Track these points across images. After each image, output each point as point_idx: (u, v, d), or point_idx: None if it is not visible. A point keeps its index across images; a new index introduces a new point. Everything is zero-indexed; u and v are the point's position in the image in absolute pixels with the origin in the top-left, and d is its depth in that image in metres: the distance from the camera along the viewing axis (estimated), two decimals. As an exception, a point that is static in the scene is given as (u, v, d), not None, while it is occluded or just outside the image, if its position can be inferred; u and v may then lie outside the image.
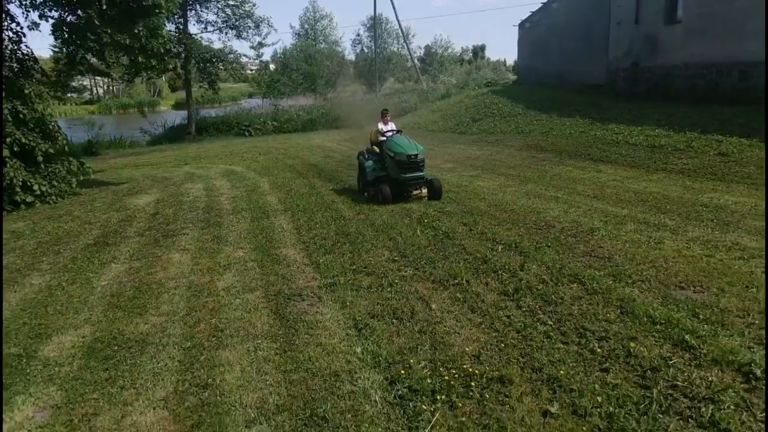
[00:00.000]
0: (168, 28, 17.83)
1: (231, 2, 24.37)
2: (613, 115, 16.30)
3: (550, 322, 4.32)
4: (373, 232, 7.35)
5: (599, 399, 3.26)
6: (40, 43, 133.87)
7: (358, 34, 74.95)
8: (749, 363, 3.49)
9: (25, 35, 12.76)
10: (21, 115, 10.99)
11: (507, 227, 7.19)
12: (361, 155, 10.20)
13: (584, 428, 3.05)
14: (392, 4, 72.01)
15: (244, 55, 28.17)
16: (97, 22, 11.23)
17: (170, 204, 10.42)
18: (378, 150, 9.90)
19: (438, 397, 3.39)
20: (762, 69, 14.17)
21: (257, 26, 26.03)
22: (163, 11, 12.01)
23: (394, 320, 4.58)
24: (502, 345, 4.01)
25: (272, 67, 48.09)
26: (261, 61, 38.21)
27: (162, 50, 12.32)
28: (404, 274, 5.65)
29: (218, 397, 3.55)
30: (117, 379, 3.85)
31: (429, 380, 3.56)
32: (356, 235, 7.18)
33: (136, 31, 11.94)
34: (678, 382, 3.38)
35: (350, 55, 59.15)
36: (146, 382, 3.80)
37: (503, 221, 7.52)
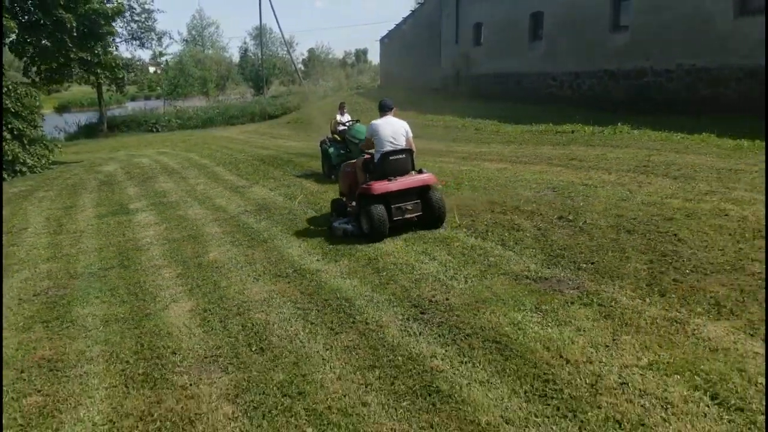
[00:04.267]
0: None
1: (136, 18, 28.62)
2: (446, 108, 23.18)
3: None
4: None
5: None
6: None
7: (245, 42, 79.10)
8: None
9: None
10: (14, 109, 15.53)
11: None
12: (324, 143, 11.21)
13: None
14: (275, 17, 76.51)
15: (148, 62, 32.37)
16: (70, 44, 16.00)
17: (135, 167, 15.53)
18: (339, 137, 11.05)
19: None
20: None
21: (159, 38, 30.48)
22: (115, 35, 17.05)
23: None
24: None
25: (157, 71, 51.41)
26: (160, 66, 42.01)
27: (113, 64, 17.29)
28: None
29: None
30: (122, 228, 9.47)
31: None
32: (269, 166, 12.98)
33: (96, 51, 16.84)
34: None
35: (237, 59, 63.52)
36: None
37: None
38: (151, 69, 51.09)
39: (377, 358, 3.81)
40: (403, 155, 6.73)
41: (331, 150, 10.83)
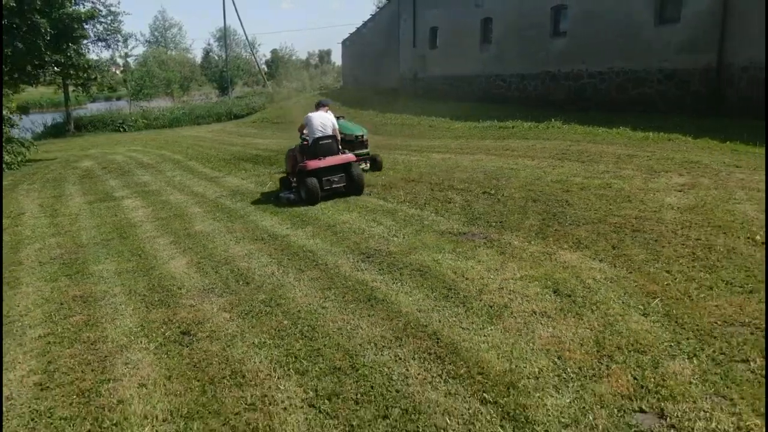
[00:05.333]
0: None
1: (102, 20, 29.22)
2: (403, 108, 24.69)
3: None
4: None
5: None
6: None
7: (209, 43, 79.24)
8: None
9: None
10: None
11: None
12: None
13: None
14: (239, 19, 76.18)
15: (114, 63, 32.96)
16: (44, 47, 16.89)
17: (110, 163, 16.54)
18: None
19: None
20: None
21: (125, 40, 31.15)
22: (87, 38, 17.98)
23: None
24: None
25: (116, 72, 51.57)
26: (120, 67, 42.36)
27: (86, 66, 18.21)
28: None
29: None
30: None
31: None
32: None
33: (68, 54, 17.75)
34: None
35: (200, 60, 63.92)
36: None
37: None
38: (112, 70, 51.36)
39: (333, 283, 5.24)
40: (330, 140, 8.88)
41: None
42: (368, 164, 10.83)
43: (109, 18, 28.97)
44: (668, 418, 2.88)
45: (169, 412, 3.40)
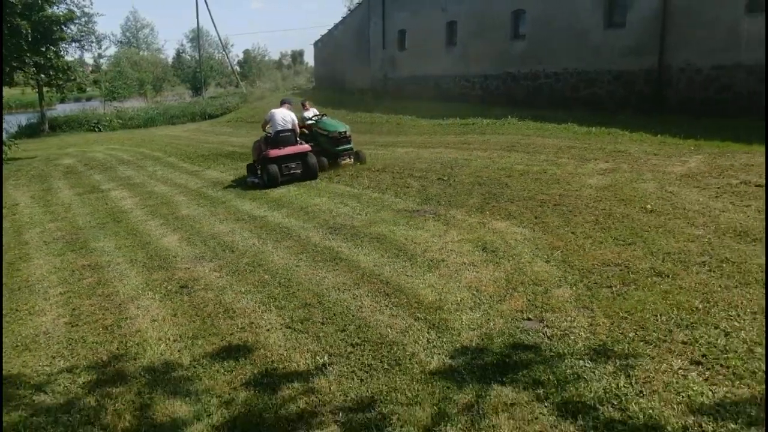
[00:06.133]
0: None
1: (76, 21, 29.64)
2: (373, 107, 25.77)
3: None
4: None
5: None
6: None
7: (182, 44, 79.25)
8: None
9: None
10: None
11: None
12: None
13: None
14: (212, 20, 76.85)
15: (89, 64, 33.33)
16: (25, 47, 17.52)
17: (91, 160, 17.25)
18: (307, 131, 11.65)
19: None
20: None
21: (99, 42, 31.61)
22: (66, 40, 18.65)
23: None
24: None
25: (86, 71, 51.65)
26: (94, 68, 42.62)
27: (66, 67, 18.88)
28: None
29: (184, 185, 11.52)
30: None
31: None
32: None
33: (48, 55, 18.40)
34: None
35: (170, 60, 64.06)
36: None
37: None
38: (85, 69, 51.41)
39: (305, 249, 6.30)
40: (289, 133, 10.41)
41: None
42: (352, 159, 11.31)
43: (83, 19, 29.46)
44: (545, 322, 4.03)
45: (178, 336, 4.42)
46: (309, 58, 68.29)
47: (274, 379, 3.64)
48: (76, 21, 29.32)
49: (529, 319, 4.12)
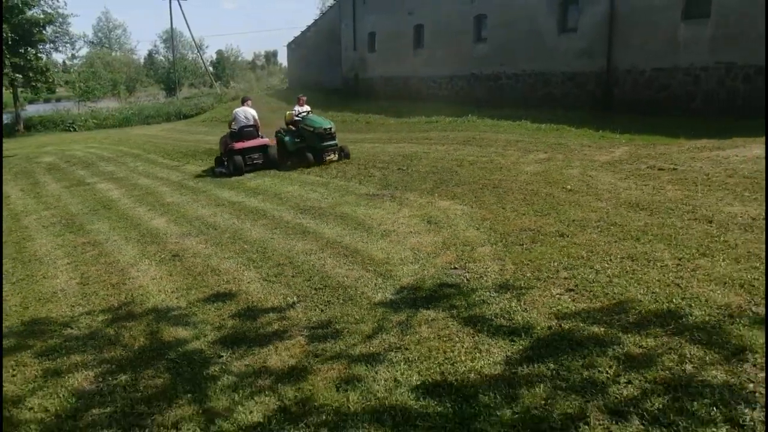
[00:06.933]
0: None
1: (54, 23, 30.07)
2: (344, 107, 26.78)
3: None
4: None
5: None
6: None
7: (156, 45, 79.13)
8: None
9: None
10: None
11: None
12: (279, 133, 12.68)
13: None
14: (186, 21, 76.49)
15: (59, 64, 33.67)
16: (6, 52, 18.14)
17: (72, 158, 17.95)
18: (294, 128, 12.30)
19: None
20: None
21: (73, 44, 32.03)
22: (46, 42, 19.31)
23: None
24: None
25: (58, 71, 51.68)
26: (64, 69, 42.80)
27: (45, 68, 19.51)
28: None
29: (166, 177, 12.43)
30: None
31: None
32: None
33: (28, 57, 19.03)
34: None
35: (141, 60, 64.09)
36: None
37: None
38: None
39: (278, 225, 7.36)
40: (252, 128, 12.03)
41: (287, 138, 12.31)
42: (336, 155, 11.85)
43: (58, 20, 29.91)
44: (467, 269, 5.16)
45: (174, 288, 5.45)
46: (282, 59, 68.97)
47: (254, 312, 4.71)
48: (54, 23, 29.87)
49: (455, 268, 5.24)
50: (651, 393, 3.11)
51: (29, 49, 18.83)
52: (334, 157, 11.78)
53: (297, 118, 12.42)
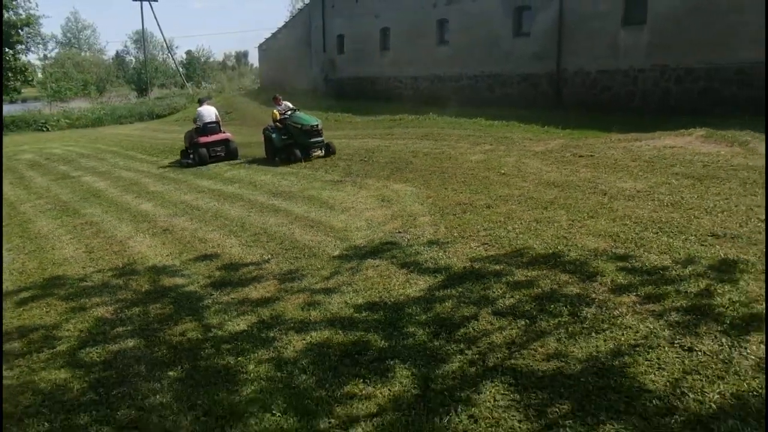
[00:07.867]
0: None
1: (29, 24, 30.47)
2: (314, 106, 27.83)
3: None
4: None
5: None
6: None
7: (126, 46, 78.82)
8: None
9: None
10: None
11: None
12: (266, 130, 13.03)
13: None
14: (157, 22, 76.48)
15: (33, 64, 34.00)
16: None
17: (51, 155, 18.70)
18: (281, 125, 12.60)
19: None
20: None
21: (45, 44, 32.43)
22: (24, 43, 20.01)
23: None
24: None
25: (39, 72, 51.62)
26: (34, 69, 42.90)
27: (24, 68, 20.20)
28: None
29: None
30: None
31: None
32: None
33: (6, 58, 19.70)
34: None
35: (109, 60, 64.00)
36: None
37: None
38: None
39: (254, 206, 8.52)
40: (215, 124, 13.85)
41: (274, 136, 12.60)
42: (323, 151, 12.24)
43: (37, 22, 30.33)
44: (408, 233, 6.43)
45: (168, 253, 6.58)
46: (254, 59, 69.49)
47: (236, 266, 5.89)
48: (31, 24, 30.29)
49: (399, 232, 6.50)
50: (525, 302, 4.40)
51: (8, 50, 19.37)
52: (320, 153, 12.19)
53: (285, 116, 12.71)
